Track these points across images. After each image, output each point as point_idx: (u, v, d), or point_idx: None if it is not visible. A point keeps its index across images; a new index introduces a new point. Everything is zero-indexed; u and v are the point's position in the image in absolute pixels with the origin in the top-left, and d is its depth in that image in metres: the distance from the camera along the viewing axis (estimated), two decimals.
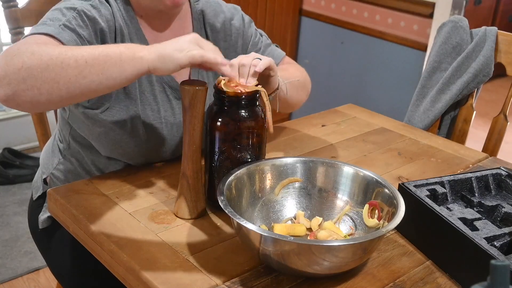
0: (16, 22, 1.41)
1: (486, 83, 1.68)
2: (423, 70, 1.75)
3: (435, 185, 1.06)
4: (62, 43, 0.98)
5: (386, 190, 0.97)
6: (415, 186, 1.04)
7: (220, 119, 1.00)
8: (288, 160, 1.06)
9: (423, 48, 2.64)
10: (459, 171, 1.30)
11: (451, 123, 1.71)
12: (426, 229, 0.99)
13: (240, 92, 1.00)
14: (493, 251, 0.85)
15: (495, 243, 0.90)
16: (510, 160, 1.41)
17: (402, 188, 1.03)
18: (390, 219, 0.90)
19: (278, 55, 1.34)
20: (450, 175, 1.09)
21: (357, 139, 1.45)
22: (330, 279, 0.90)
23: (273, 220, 1.02)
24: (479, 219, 0.97)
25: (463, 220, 0.96)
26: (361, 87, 3.01)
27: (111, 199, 1.08)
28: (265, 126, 1.04)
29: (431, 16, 2.60)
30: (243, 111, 1.00)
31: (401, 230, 1.04)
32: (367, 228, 0.98)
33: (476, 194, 1.07)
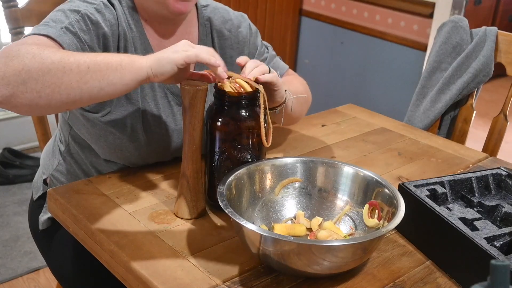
0: (16, 22, 1.40)
1: (486, 83, 1.68)
2: (423, 70, 1.75)
3: (435, 185, 1.06)
4: (61, 46, 0.98)
5: (386, 190, 0.97)
6: (415, 186, 1.04)
7: (220, 119, 1.00)
8: (288, 160, 1.06)
9: (423, 48, 2.64)
10: (459, 171, 1.30)
11: (451, 123, 1.71)
12: (426, 229, 0.99)
13: (241, 91, 1.00)
14: (493, 251, 0.85)
15: (495, 243, 0.90)
16: (510, 160, 1.41)
17: (402, 188, 1.03)
18: (390, 219, 0.90)
19: (283, 67, 1.36)
20: (450, 175, 1.09)
21: (357, 139, 1.45)
22: (330, 279, 0.90)
23: (273, 220, 1.02)
24: (479, 219, 0.97)
25: (463, 220, 0.96)
26: (361, 87, 3.01)
27: (111, 199, 1.08)
28: (264, 126, 1.03)
29: (431, 16, 2.60)
30: (243, 111, 1.00)
31: (401, 230, 1.04)
32: (367, 228, 0.98)
33: (476, 194, 1.07)
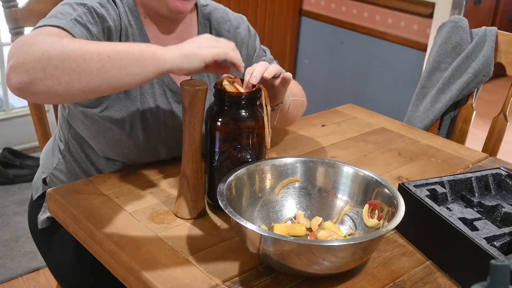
0: (16, 22, 1.40)
1: (486, 83, 1.69)
2: (423, 70, 1.75)
3: (435, 185, 1.06)
4: (74, 37, 0.97)
5: (386, 190, 0.97)
6: (415, 186, 1.04)
7: (220, 119, 1.00)
8: (288, 160, 1.06)
9: (423, 48, 2.64)
10: (459, 171, 1.30)
11: (451, 123, 1.71)
12: (426, 229, 0.99)
13: (241, 91, 1.00)
14: (493, 251, 0.85)
15: (495, 243, 0.90)
16: (510, 160, 1.41)
17: (402, 188, 1.03)
18: (390, 219, 0.90)
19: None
20: (450, 175, 1.09)
21: (357, 139, 1.45)
22: (330, 279, 0.90)
23: (273, 220, 1.02)
24: (479, 219, 0.97)
25: (463, 220, 0.96)
26: (361, 87, 3.01)
27: (111, 199, 1.08)
28: (264, 125, 1.04)
29: (431, 16, 2.60)
30: (243, 111, 1.00)
31: (401, 230, 1.04)
32: (367, 228, 0.98)
33: (476, 194, 1.07)
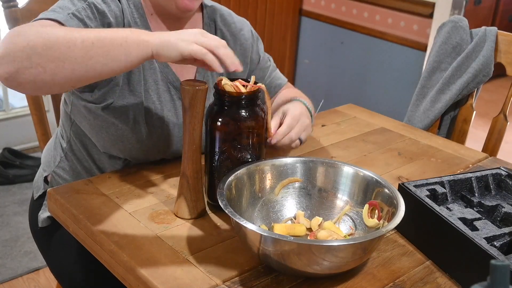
0: (16, 22, 1.40)
1: (486, 83, 1.68)
2: (423, 70, 1.75)
3: (435, 185, 1.06)
4: None
5: (386, 190, 0.97)
6: (415, 186, 1.04)
7: (220, 119, 1.00)
8: (288, 160, 1.06)
9: (423, 48, 2.65)
10: (459, 171, 1.30)
11: (451, 123, 1.71)
12: (426, 229, 0.99)
13: (241, 91, 1.00)
14: (493, 251, 0.85)
15: (495, 243, 0.90)
16: (510, 160, 1.41)
17: (402, 188, 1.03)
18: (390, 219, 0.90)
19: (283, 79, 1.41)
20: (450, 175, 1.09)
21: (357, 139, 1.45)
22: (330, 279, 0.90)
23: (273, 220, 1.02)
24: (479, 219, 0.97)
25: (463, 220, 0.96)
26: (361, 87, 3.01)
27: (111, 199, 1.08)
28: (265, 126, 1.04)
29: (431, 16, 2.60)
30: (243, 111, 1.00)
31: (401, 230, 1.04)
32: (367, 228, 0.98)
33: (476, 194, 1.07)
